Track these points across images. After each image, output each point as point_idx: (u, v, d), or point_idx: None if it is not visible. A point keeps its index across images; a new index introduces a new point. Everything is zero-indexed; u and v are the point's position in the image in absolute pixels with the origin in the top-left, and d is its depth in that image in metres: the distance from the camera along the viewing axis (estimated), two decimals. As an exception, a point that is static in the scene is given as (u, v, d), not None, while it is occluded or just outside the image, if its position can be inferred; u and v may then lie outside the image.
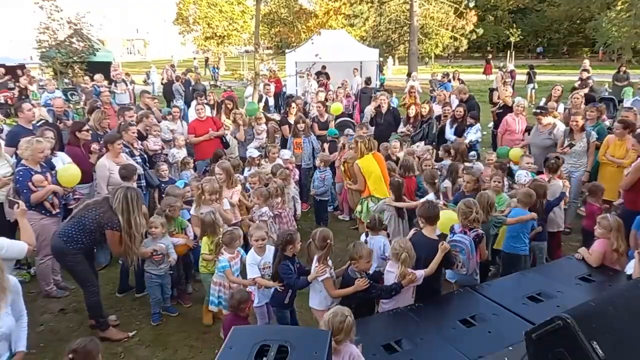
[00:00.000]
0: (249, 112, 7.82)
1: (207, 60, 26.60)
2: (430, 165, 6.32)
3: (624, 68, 15.35)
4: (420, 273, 3.67)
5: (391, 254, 3.73)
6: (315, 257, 3.81)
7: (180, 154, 7.37)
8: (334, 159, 7.36)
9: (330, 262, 3.86)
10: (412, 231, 4.33)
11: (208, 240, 4.56)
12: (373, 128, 8.61)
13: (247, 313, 3.85)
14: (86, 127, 6.06)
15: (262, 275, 4.07)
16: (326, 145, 7.93)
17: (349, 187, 6.36)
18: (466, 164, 6.40)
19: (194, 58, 25.94)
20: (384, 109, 8.66)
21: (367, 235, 4.71)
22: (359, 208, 6.03)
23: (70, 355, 2.64)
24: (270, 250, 4.11)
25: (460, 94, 9.23)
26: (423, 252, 3.79)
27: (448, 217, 4.33)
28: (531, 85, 17.80)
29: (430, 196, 5.34)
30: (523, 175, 5.64)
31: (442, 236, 4.14)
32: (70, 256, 4.20)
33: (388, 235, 5.04)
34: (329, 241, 3.74)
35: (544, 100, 9.76)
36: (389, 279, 3.71)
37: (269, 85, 12.06)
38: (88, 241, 4.24)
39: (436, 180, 5.52)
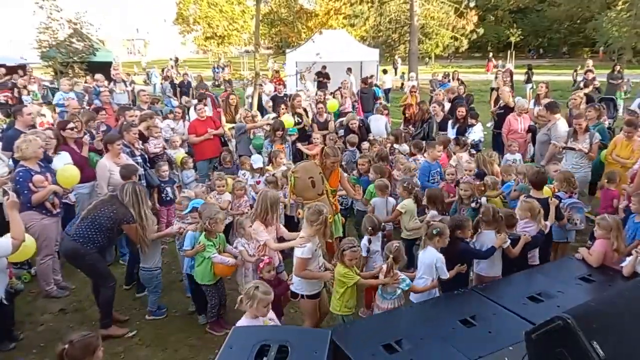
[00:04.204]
0: (255, 147, 7.87)
1: (176, 60, 26.89)
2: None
3: (618, 67, 15.46)
4: (548, 223, 4.58)
5: (524, 214, 4.45)
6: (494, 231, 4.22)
7: (178, 153, 7.33)
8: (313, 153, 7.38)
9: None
10: (523, 197, 4.98)
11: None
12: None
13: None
14: (70, 124, 5.92)
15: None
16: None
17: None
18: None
19: (171, 59, 26.19)
20: (354, 127, 8.38)
21: (369, 242, 4.65)
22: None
23: (66, 346, 2.55)
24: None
25: (449, 93, 9.30)
26: None
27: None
28: (529, 85, 17.86)
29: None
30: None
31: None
32: (89, 256, 4.30)
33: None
34: (500, 214, 4.28)
35: (533, 100, 9.73)
36: (530, 231, 4.41)
37: (284, 84, 11.96)
38: (104, 239, 4.37)
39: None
